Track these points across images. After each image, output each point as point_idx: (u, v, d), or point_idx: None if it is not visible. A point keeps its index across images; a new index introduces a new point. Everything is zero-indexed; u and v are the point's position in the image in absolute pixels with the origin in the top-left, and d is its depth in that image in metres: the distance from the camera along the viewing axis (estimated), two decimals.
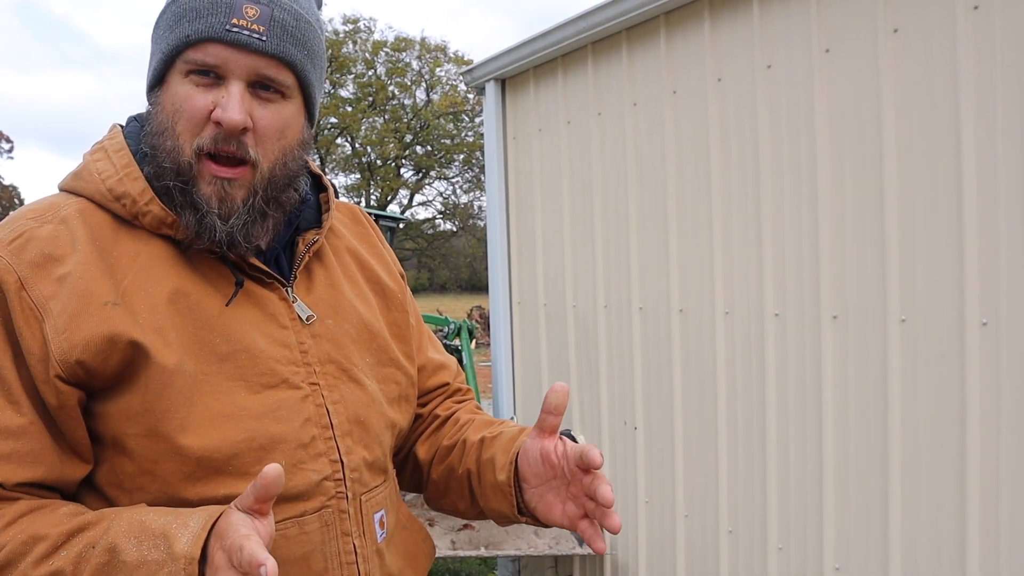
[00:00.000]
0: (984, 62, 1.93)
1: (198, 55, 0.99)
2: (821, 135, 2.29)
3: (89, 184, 1.04)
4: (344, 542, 1.07)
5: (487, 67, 3.60)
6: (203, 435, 0.98)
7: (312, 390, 1.07)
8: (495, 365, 3.73)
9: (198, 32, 0.99)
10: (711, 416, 2.68)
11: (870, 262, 2.18)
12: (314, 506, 1.05)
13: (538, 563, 3.54)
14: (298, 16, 1.04)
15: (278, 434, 1.03)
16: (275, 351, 1.05)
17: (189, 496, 0.98)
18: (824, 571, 2.33)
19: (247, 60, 1.00)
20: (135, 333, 0.96)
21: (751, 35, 2.49)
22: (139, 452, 0.97)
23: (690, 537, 2.80)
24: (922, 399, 2.08)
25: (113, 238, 1.01)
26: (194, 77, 1.00)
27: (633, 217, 2.97)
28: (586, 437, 3.26)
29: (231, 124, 0.98)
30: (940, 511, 2.05)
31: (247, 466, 1.00)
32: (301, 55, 1.04)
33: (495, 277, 3.69)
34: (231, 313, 1.04)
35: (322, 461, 1.06)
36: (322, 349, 1.10)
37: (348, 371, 1.12)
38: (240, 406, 1.01)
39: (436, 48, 32.27)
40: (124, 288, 0.98)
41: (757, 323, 2.51)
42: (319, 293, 1.14)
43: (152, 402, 0.97)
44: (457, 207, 35.71)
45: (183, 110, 1.00)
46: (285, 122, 1.04)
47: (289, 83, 1.04)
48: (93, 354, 0.94)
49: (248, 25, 0.99)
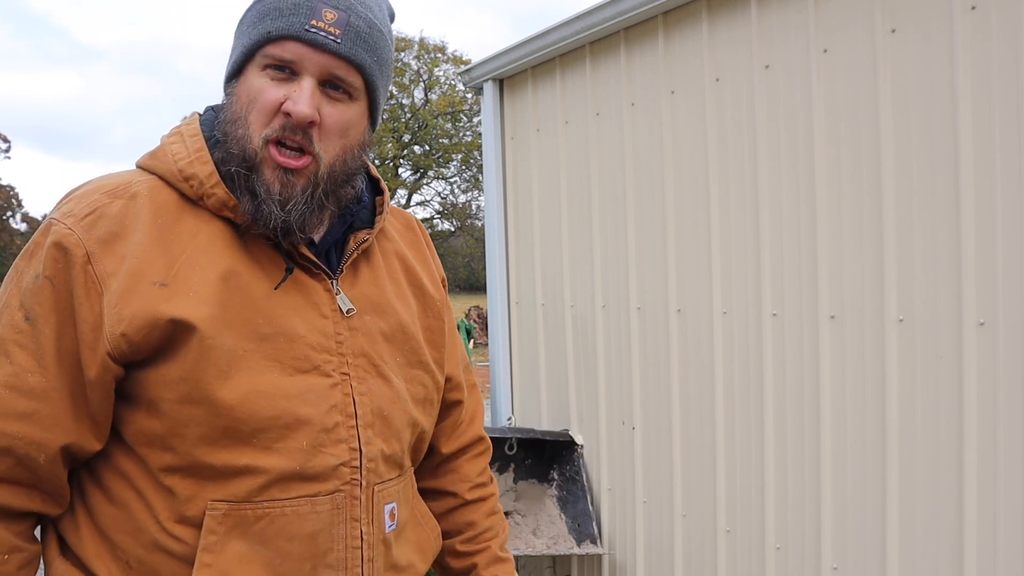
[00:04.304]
0: (981, 62, 1.94)
1: (276, 50, 1.06)
2: (819, 135, 2.29)
3: (163, 164, 1.11)
4: (352, 527, 1.12)
5: (485, 67, 3.60)
6: (239, 401, 1.05)
7: (342, 379, 1.13)
8: (493, 365, 3.73)
9: (279, 29, 1.06)
10: (709, 416, 2.68)
11: (868, 262, 2.19)
12: (328, 488, 1.10)
13: (536, 563, 3.54)
14: (372, 24, 1.11)
15: (304, 416, 1.08)
16: (312, 338, 1.11)
17: (213, 461, 1.05)
18: (822, 571, 2.33)
19: (321, 59, 1.06)
20: (178, 311, 1.02)
21: (749, 35, 2.49)
22: (171, 415, 1.04)
23: (688, 537, 2.80)
24: (920, 399, 2.08)
25: (176, 215, 1.08)
26: (270, 71, 1.07)
27: (631, 217, 2.97)
28: (584, 436, 3.27)
29: (300, 116, 1.05)
30: (937, 511, 2.05)
31: (270, 441, 1.06)
32: (371, 60, 1.10)
33: (493, 277, 3.69)
34: (277, 297, 1.10)
35: (342, 447, 1.11)
36: (356, 342, 1.15)
37: (378, 367, 1.17)
38: (274, 385, 1.07)
39: (435, 48, 32.26)
40: (181, 263, 1.05)
41: (755, 323, 2.51)
42: (362, 289, 1.19)
43: (190, 371, 1.03)
44: (455, 207, 35.71)
45: (257, 100, 1.06)
46: (349, 122, 1.11)
47: (357, 85, 1.10)
48: (136, 329, 1.01)
49: (326, 27, 1.06)
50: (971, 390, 1.97)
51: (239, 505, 1.05)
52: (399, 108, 32.61)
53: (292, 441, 1.07)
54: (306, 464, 1.08)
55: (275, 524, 1.07)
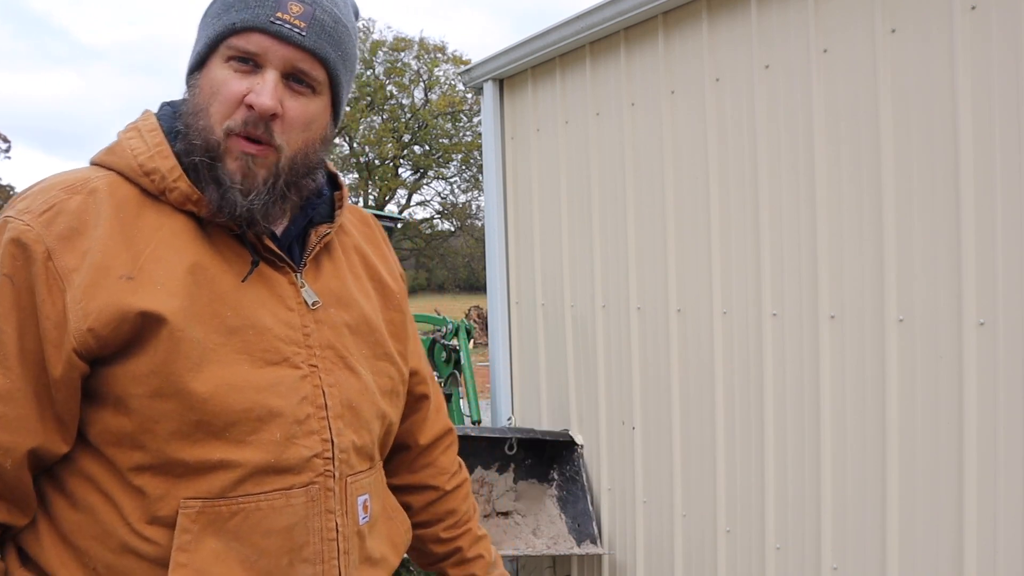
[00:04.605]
0: (981, 62, 1.94)
1: (240, 42, 1.06)
2: (819, 135, 2.29)
3: (121, 159, 1.09)
4: (327, 519, 1.12)
5: (485, 67, 3.60)
6: (211, 394, 1.04)
7: (311, 371, 1.12)
8: (493, 365, 3.73)
9: (244, 21, 1.06)
10: (709, 416, 2.68)
11: (867, 262, 2.19)
12: (302, 480, 1.09)
13: (536, 563, 3.54)
14: (337, 19, 1.11)
15: (276, 408, 1.08)
16: (280, 330, 1.11)
17: (185, 457, 1.03)
18: (822, 571, 2.33)
19: (285, 51, 1.07)
20: (146, 304, 1.01)
21: (749, 35, 2.49)
22: (142, 411, 1.02)
23: (688, 537, 2.80)
24: (920, 399, 2.08)
25: (137, 210, 1.07)
26: (234, 63, 1.07)
27: (631, 217, 2.97)
28: (584, 436, 3.27)
29: (262, 108, 1.04)
30: (937, 510, 2.05)
31: (244, 435, 1.05)
32: (335, 54, 1.11)
33: (493, 277, 3.69)
34: (244, 290, 1.09)
35: (314, 439, 1.11)
36: (323, 335, 1.15)
37: (345, 359, 1.17)
38: (244, 377, 1.06)
39: (435, 48, 32.26)
40: (145, 256, 1.04)
41: (755, 323, 2.51)
42: (325, 282, 1.19)
43: (161, 364, 1.01)
44: (455, 207, 35.71)
45: (219, 92, 1.06)
46: (312, 116, 1.11)
47: (321, 79, 1.10)
48: (104, 323, 0.99)
49: (291, 20, 1.06)
50: (971, 390, 1.97)
51: (213, 502, 1.04)
52: (399, 108, 32.60)
53: (265, 434, 1.06)
54: (280, 456, 1.07)
55: (250, 519, 1.06)
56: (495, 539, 3.16)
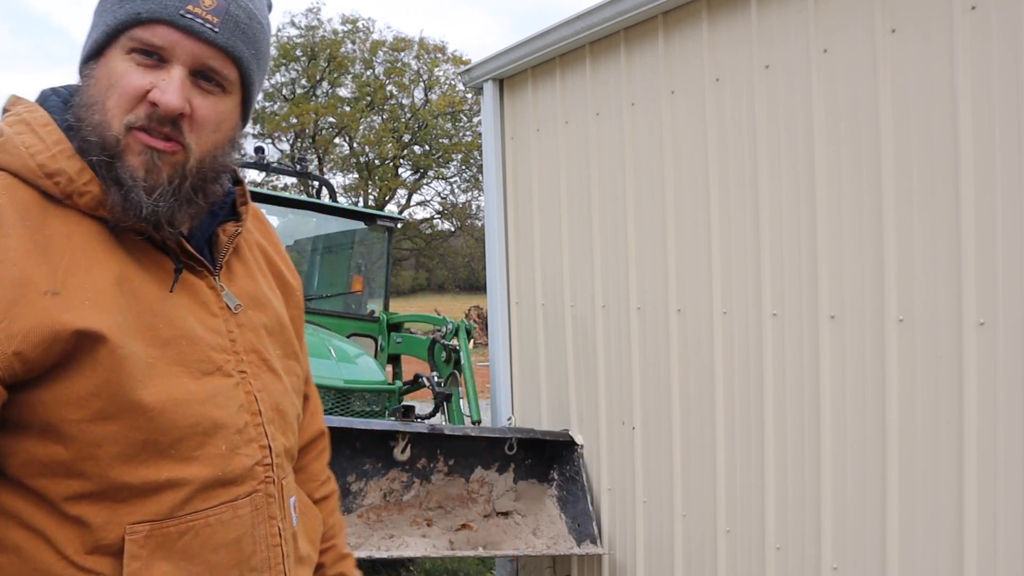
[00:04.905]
0: (981, 62, 1.94)
1: (145, 34, 0.98)
2: (818, 135, 2.29)
3: (15, 159, 0.98)
4: (271, 525, 1.10)
5: (485, 67, 3.60)
6: (160, 411, 0.98)
7: (242, 378, 1.09)
8: (493, 365, 3.73)
9: (151, 12, 0.97)
10: (709, 416, 2.68)
11: (867, 262, 2.19)
12: (246, 490, 1.07)
13: (536, 563, 3.54)
14: (251, 15, 1.04)
15: (220, 419, 1.04)
16: (210, 338, 1.06)
17: (131, 480, 0.97)
18: (822, 571, 2.33)
19: (195, 47, 0.99)
20: (82, 321, 0.93)
21: (749, 35, 2.49)
22: (81, 437, 0.94)
23: (688, 536, 2.80)
24: (920, 399, 2.08)
25: (41, 216, 0.97)
26: (136, 56, 0.98)
27: (631, 217, 2.97)
28: (584, 436, 3.27)
29: (168, 107, 0.97)
30: (937, 510, 2.05)
31: (190, 450, 1.01)
32: (249, 53, 1.04)
33: (493, 277, 3.69)
34: (171, 299, 1.03)
35: (254, 447, 1.08)
36: (246, 338, 1.11)
37: (267, 361, 1.14)
38: (186, 390, 1.01)
39: (435, 48, 32.25)
40: (64, 269, 0.95)
41: (755, 323, 2.51)
42: (241, 284, 1.15)
43: (103, 385, 0.94)
44: (455, 207, 35.70)
45: (118, 86, 0.98)
46: (222, 115, 1.04)
47: (232, 78, 1.04)
48: (33, 345, 0.91)
49: (203, 14, 0.99)
50: (971, 390, 1.97)
51: (161, 523, 0.99)
52: (399, 108, 32.59)
53: (211, 447, 1.02)
54: (226, 469, 1.03)
55: (200, 537, 1.02)
56: (494, 539, 3.16)
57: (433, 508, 3.14)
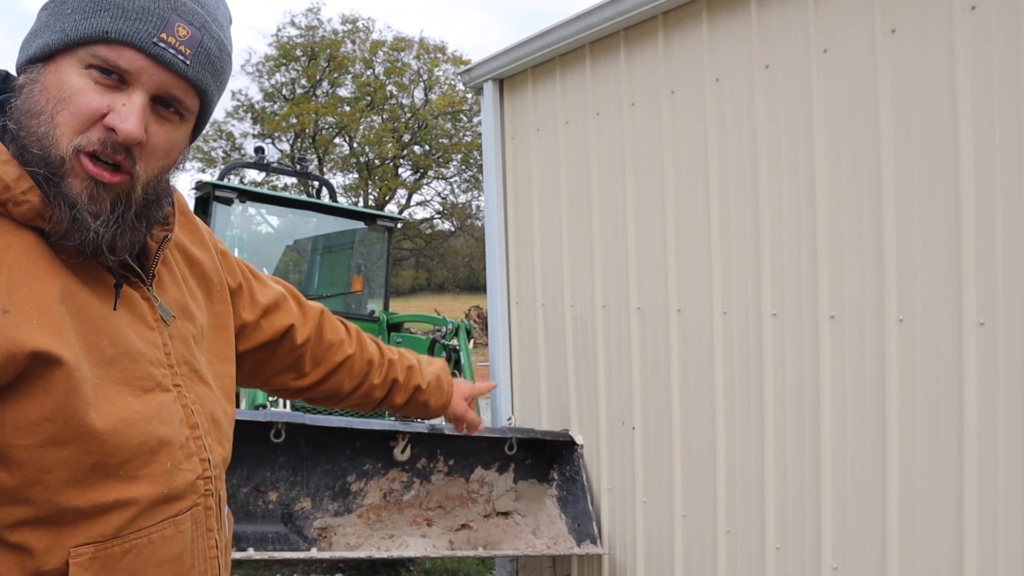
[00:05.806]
0: (981, 62, 1.94)
1: (111, 55, 0.93)
2: (818, 135, 2.29)
3: None
4: (208, 538, 1.11)
5: (485, 67, 3.60)
6: (111, 433, 0.96)
7: (178, 392, 1.07)
8: (493, 365, 3.73)
9: (121, 34, 0.93)
10: (709, 416, 2.68)
11: (867, 262, 2.19)
12: (187, 505, 1.07)
13: (536, 563, 3.54)
14: (222, 47, 1.02)
15: (164, 436, 1.02)
16: (149, 353, 1.04)
17: (79, 503, 0.94)
18: (822, 571, 2.33)
19: (163, 77, 0.96)
20: (35, 342, 0.89)
21: (749, 35, 2.49)
22: (30, 462, 0.91)
23: (688, 537, 2.80)
24: (920, 399, 2.08)
25: None
26: (95, 73, 0.94)
27: (631, 217, 2.97)
28: (584, 436, 3.27)
29: (128, 136, 0.93)
30: (937, 511, 2.05)
31: (136, 469, 0.99)
32: (214, 85, 1.02)
33: (493, 277, 3.69)
34: (113, 315, 1.00)
35: (194, 460, 1.08)
36: (178, 350, 1.09)
37: (198, 372, 1.12)
38: (131, 409, 0.99)
39: (435, 48, 32.26)
40: (3, 285, 0.89)
41: (755, 323, 2.51)
42: (169, 293, 1.12)
43: (58, 409, 0.91)
44: (455, 207, 35.71)
45: (71, 103, 0.93)
46: (175, 143, 1.02)
47: (193, 108, 1.02)
48: None
49: (176, 44, 0.95)
50: (971, 390, 1.97)
51: (106, 544, 0.96)
52: (399, 108, 32.60)
53: (156, 464, 1.00)
54: (171, 485, 1.02)
55: (143, 554, 1.00)
56: (494, 539, 3.17)
57: (433, 508, 3.14)
